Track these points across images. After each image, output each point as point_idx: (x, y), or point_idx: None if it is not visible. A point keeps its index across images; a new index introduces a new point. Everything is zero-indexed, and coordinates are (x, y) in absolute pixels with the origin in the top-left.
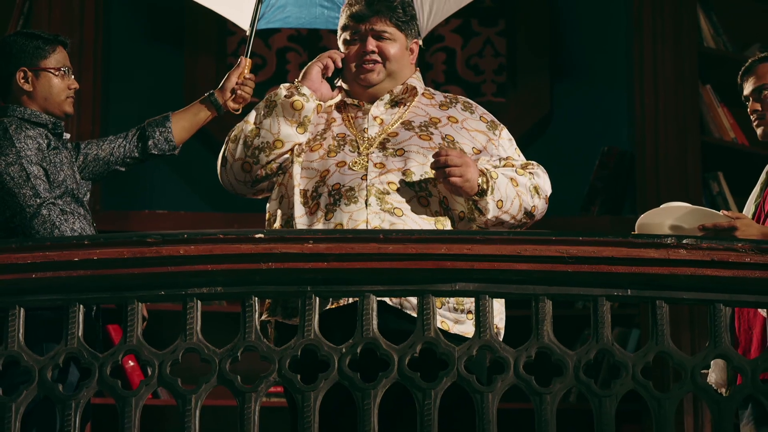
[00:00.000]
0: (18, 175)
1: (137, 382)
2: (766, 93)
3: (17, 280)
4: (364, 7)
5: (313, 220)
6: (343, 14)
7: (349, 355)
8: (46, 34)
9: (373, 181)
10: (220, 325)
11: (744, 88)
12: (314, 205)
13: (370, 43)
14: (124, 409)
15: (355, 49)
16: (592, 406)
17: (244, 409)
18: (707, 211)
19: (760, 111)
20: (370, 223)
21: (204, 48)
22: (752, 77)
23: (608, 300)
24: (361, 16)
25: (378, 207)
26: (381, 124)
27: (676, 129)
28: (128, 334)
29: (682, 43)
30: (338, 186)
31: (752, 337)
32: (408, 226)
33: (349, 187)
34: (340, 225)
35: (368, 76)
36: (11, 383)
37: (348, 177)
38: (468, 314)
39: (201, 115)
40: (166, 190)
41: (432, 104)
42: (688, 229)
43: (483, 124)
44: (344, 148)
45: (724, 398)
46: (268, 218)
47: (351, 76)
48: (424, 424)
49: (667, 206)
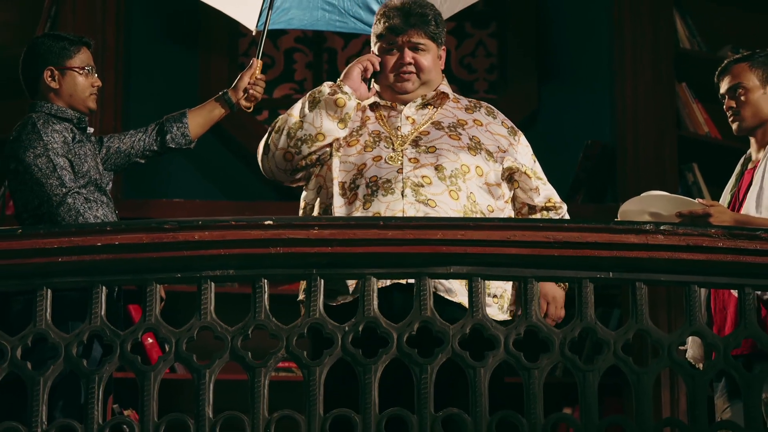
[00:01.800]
0: (45, 166)
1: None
2: (741, 91)
3: (45, 263)
4: (401, 20)
5: (351, 210)
6: (379, 23)
7: (352, 333)
8: (71, 36)
9: (408, 174)
10: (232, 306)
11: (720, 87)
12: (352, 195)
13: (407, 55)
14: (144, 383)
15: (392, 60)
16: (576, 380)
17: (254, 383)
18: (684, 199)
19: (735, 108)
20: (406, 213)
21: (217, 49)
22: (728, 77)
23: (591, 282)
24: (399, 28)
25: (413, 198)
26: (413, 124)
27: (654, 124)
28: (147, 314)
29: (659, 45)
30: (375, 178)
31: (726, 316)
32: (442, 215)
33: (386, 180)
34: (378, 214)
35: (404, 85)
36: (40, 358)
37: (384, 170)
38: (494, 298)
39: (215, 112)
40: (182, 181)
41: (459, 108)
42: (666, 216)
43: (504, 129)
44: (379, 144)
45: (698, 372)
46: (303, 207)
47: (386, 82)
48: (421, 396)
49: (647, 195)
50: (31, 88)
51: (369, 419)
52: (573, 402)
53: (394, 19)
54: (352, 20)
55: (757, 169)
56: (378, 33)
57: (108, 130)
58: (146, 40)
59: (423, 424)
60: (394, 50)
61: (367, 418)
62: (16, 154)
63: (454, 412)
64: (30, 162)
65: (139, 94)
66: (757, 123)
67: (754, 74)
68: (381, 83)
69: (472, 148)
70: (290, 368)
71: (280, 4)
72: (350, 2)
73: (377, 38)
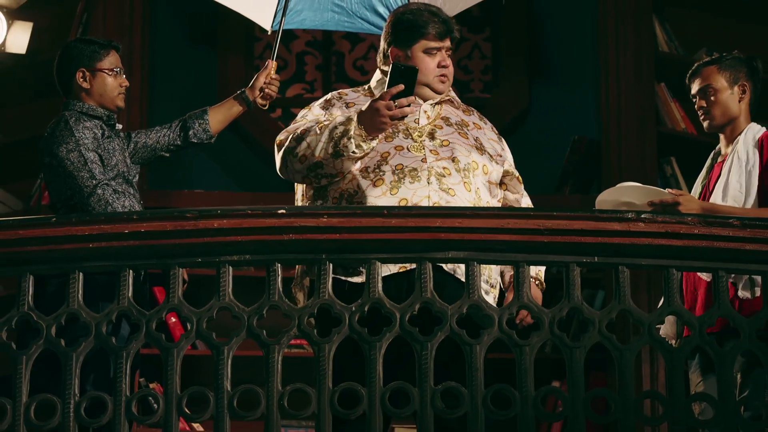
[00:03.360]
0: (77, 160)
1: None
2: (710, 92)
3: (77, 249)
4: (444, 27)
5: (377, 192)
6: (420, 26)
7: (358, 313)
8: (101, 40)
9: (432, 164)
10: (248, 288)
11: (692, 88)
12: (378, 181)
13: (448, 60)
14: (167, 359)
15: (433, 62)
16: (564, 356)
17: (269, 359)
18: (655, 189)
19: (706, 107)
20: (431, 199)
21: (235, 52)
22: (698, 78)
23: (578, 266)
24: (443, 34)
25: (437, 186)
26: (428, 118)
27: (636, 120)
28: (170, 295)
29: (640, 48)
30: (401, 166)
31: (697, 297)
32: (459, 204)
33: (412, 168)
34: (405, 200)
35: (443, 86)
36: (72, 336)
37: (409, 159)
38: (492, 288)
39: (234, 110)
40: (202, 173)
41: (459, 109)
42: (639, 205)
43: (494, 135)
44: (398, 135)
45: (676, 349)
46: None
47: (425, 82)
48: (422, 372)
49: (622, 186)
50: (65, 88)
51: (374, 392)
52: (561, 376)
53: (438, 24)
54: (359, 21)
55: (725, 162)
56: (420, 35)
57: (135, 127)
58: (170, 43)
59: (424, 396)
60: (436, 54)
61: (372, 391)
62: (50, 149)
63: (452, 385)
64: (63, 156)
65: (162, 93)
66: (725, 121)
67: (723, 76)
68: None
69: (478, 148)
70: (302, 345)
71: (293, 6)
72: (357, 5)
73: (420, 37)
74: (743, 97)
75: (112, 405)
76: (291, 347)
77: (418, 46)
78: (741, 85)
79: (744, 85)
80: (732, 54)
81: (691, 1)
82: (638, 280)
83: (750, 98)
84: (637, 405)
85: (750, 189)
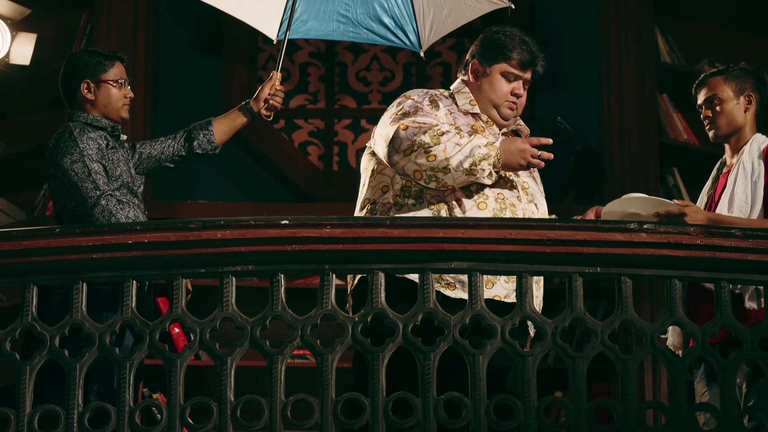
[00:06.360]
0: (81, 171)
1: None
2: (716, 102)
3: (80, 259)
4: (529, 58)
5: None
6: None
7: (361, 323)
8: (106, 51)
9: (525, 206)
10: (251, 298)
11: (698, 98)
12: (482, 204)
13: (523, 91)
14: (171, 369)
15: (507, 88)
16: (567, 366)
17: (272, 369)
18: (661, 200)
19: (711, 117)
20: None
21: (239, 62)
22: (704, 89)
23: (580, 276)
24: (526, 65)
25: (526, 200)
26: None
27: (638, 131)
28: (174, 306)
29: (642, 58)
30: (503, 197)
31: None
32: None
33: (511, 203)
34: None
35: (510, 113)
36: (76, 346)
37: (507, 192)
38: None
39: (238, 121)
40: (206, 184)
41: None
42: (645, 216)
43: None
44: None
45: (678, 359)
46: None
47: (494, 102)
48: (425, 381)
49: (628, 197)
50: (69, 99)
51: (377, 402)
52: (564, 386)
53: (524, 54)
54: (365, 31)
55: (730, 173)
56: (504, 57)
57: (139, 136)
58: (173, 54)
59: (426, 406)
60: (513, 81)
61: (375, 402)
62: (54, 159)
63: (456, 395)
64: (67, 167)
65: (166, 103)
66: (731, 131)
67: (729, 86)
68: (482, 99)
69: (542, 192)
70: (305, 355)
71: (299, 16)
72: (363, 15)
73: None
74: (749, 107)
75: (115, 415)
76: (294, 357)
77: (498, 67)
78: (747, 95)
79: (750, 95)
80: (739, 65)
81: (693, 12)
82: (641, 290)
83: (756, 109)
84: (639, 415)
85: (755, 200)
